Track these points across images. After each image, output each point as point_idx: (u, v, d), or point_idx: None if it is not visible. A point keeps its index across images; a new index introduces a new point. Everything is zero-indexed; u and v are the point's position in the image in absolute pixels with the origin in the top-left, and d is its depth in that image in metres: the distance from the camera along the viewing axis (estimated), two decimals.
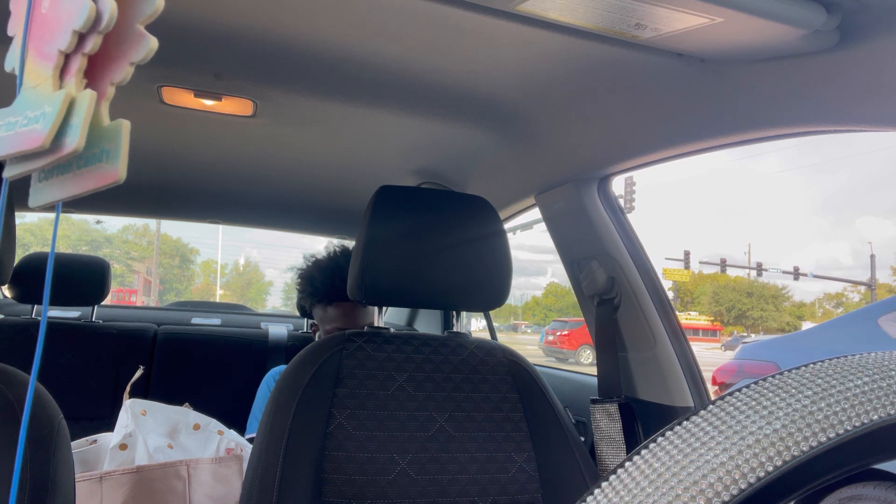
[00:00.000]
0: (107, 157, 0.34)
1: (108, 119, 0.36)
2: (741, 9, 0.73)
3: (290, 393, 1.00)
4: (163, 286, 45.15)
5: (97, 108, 0.35)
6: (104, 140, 0.35)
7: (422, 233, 1.12)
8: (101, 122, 0.35)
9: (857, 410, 0.24)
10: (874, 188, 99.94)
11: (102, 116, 0.36)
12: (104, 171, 0.34)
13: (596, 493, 0.24)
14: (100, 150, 0.35)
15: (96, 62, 0.36)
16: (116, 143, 0.34)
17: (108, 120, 0.36)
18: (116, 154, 0.34)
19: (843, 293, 48.21)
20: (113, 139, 0.34)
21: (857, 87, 0.80)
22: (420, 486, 0.99)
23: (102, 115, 0.36)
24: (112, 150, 0.34)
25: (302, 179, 1.96)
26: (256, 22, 0.99)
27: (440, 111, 1.33)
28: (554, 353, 20.05)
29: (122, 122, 0.34)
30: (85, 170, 0.35)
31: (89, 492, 1.10)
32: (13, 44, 0.38)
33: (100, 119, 0.35)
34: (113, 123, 0.35)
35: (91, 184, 0.35)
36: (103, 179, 0.34)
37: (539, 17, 0.83)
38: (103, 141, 0.35)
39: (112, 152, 0.34)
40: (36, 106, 0.35)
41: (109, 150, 0.34)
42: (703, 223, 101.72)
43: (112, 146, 0.34)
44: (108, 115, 0.36)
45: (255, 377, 2.04)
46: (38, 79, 0.36)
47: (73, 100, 0.34)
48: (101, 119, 0.35)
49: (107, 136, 0.35)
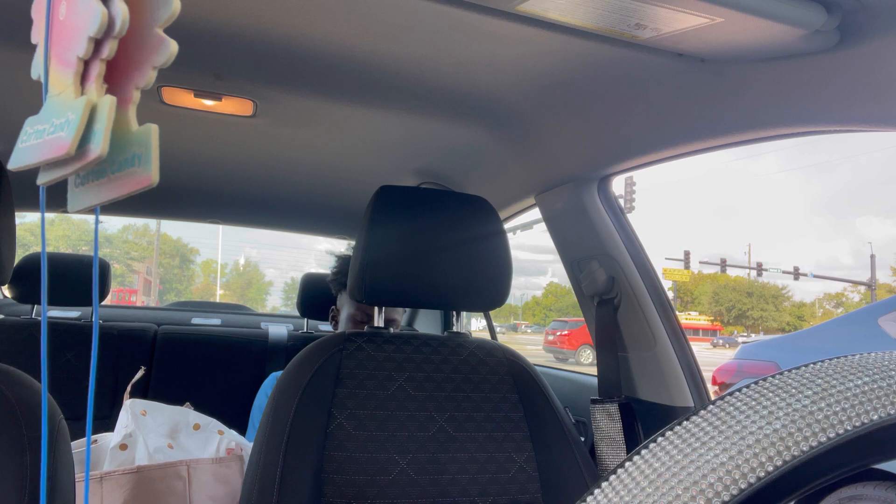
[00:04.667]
0: (139, 161, 0.35)
1: (135, 123, 0.36)
2: (741, 9, 0.73)
3: (291, 393, 1.00)
4: (163, 286, 45.15)
5: (124, 114, 0.36)
6: (134, 145, 0.35)
7: (422, 233, 1.12)
8: (130, 127, 0.36)
9: (857, 410, 0.24)
10: (874, 188, 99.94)
11: (130, 121, 0.36)
12: (138, 176, 0.35)
13: (596, 493, 0.24)
14: (131, 155, 0.35)
15: (119, 68, 0.36)
16: (147, 147, 0.35)
17: (136, 124, 0.36)
18: (148, 158, 0.34)
19: (843, 293, 48.23)
20: (143, 143, 0.35)
21: (857, 87, 0.80)
22: (420, 487, 0.99)
23: (130, 119, 0.36)
24: (143, 154, 0.35)
25: (302, 179, 1.96)
26: (256, 22, 0.99)
27: (440, 111, 1.33)
28: (554, 352, 20.06)
29: (150, 127, 0.35)
30: (119, 174, 0.36)
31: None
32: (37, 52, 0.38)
33: (128, 124, 0.36)
34: (142, 128, 0.35)
35: (126, 188, 0.35)
36: (137, 183, 0.35)
37: (539, 17, 0.83)
38: (133, 146, 0.35)
39: (143, 156, 0.35)
40: (60, 113, 0.35)
41: (141, 155, 0.35)
42: (703, 223, 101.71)
43: (143, 150, 0.35)
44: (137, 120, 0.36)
45: (255, 377, 2.04)
46: (61, 86, 0.36)
47: (95, 106, 0.34)
48: (129, 124, 0.36)
49: (136, 141, 0.35)
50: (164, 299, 42.75)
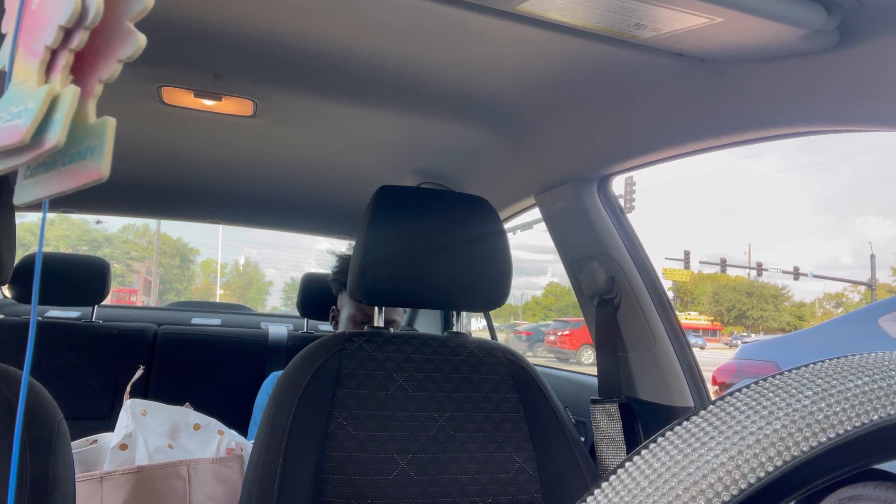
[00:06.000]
0: (91, 154, 0.34)
1: (94, 116, 0.35)
2: (741, 9, 0.73)
3: (291, 393, 1.00)
4: (163, 286, 45.15)
5: (83, 105, 0.35)
6: (89, 137, 0.34)
7: (422, 233, 1.12)
8: (88, 120, 0.35)
9: (857, 410, 0.24)
10: (874, 188, 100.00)
11: (89, 113, 0.35)
12: (88, 169, 0.34)
13: (596, 493, 0.24)
14: (84, 148, 0.34)
15: (84, 59, 0.35)
16: (101, 140, 0.34)
17: (95, 117, 0.35)
18: (101, 151, 0.33)
19: (843, 293, 48.22)
20: (98, 136, 0.34)
21: (857, 87, 0.80)
22: (420, 487, 0.99)
23: (89, 112, 0.35)
24: (97, 147, 0.34)
25: (302, 179, 1.96)
26: (256, 22, 0.99)
27: (440, 111, 1.33)
28: (555, 352, 20.05)
29: (107, 120, 0.34)
30: (69, 167, 0.35)
31: (90, 492, 1.10)
32: (5, 40, 0.37)
33: (86, 116, 0.35)
34: (99, 121, 0.34)
35: (74, 181, 0.34)
36: (87, 177, 0.34)
37: (539, 17, 0.83)
38: (88, 138, 0.34)
39: (97, 150, 0.34)
40: (20, 101, 0.35)
41: (94, 148, 0.34)
42: (703, 223, 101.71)
43: (97, 143, 0.34)
44: (96, 113, 0.36)
45: (255, 377, 2.04)
46: (25, 75, 0.35)
47: (57, 95, 0.34)
48: (87, 116, 0.35)
49: (92, 134, 0.34)
50: (164, 299, 42.75)
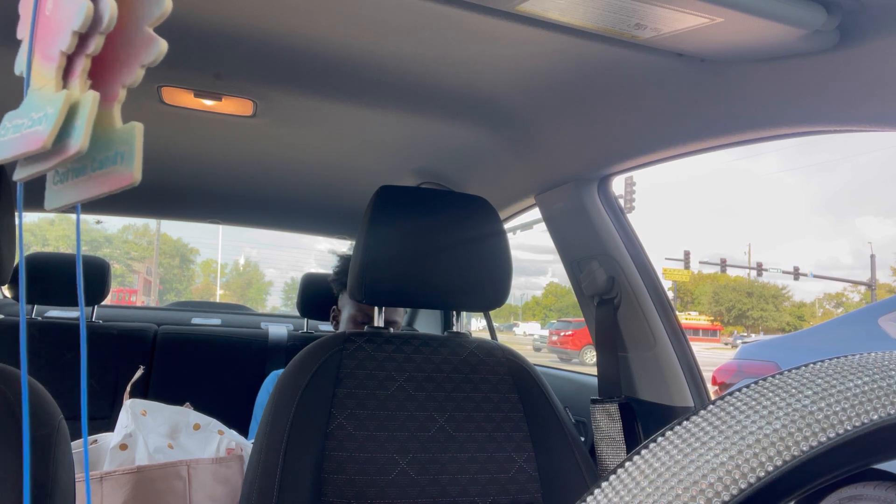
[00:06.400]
0: (121, 159, 0.34)
1: (120, 121, 0.36)
2: (741, 9, 0.73)
3: (291, 393, 1.00)
4: (163, 286, 45.15)
5: (109, 111, 0.35)
6: (117, 143, 0.35)
7: (422, 233, 1.12)
8: (114, 125, 0.35)
9: (857, 410, 0.24)
10: (874, 188, 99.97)
11: (115, 119, 0.35)
12: (119, 174, 0.34)
13: (596, 493, 0.24)
14: (114, 153, 0.35)
15: (105, 64, 0.36)
16: (130, 145, 0.34)
17: (121, 122, 0.36)
18: (131, 157, 0.34)
19: (843, 293, 48.23)
20: (126, 142, 0.34)
21: (857, 87, 0.80)
22: (420, 486, 0.99)
23: (115, 117, 0.36)
24: (126, 152, 0.34)
25: (302, 179, 1.96)
26: (256, 22, 0.99)
27: (440, 111, 1.33)
28: (557, 352, 20.00)
29: (135, 125, 0.34)
30: (100, 172, 0.35)
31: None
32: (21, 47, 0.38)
33: (112, 121, 0.35)
34: (126, 126, 0.35)
35: (106, 186, 0.35)
36: (118, 182, 0.34)
37: (539, 17, 0.83)
38: (116, 143, 0.35)
39: (126, 155, 0.34)
40: (39, 107, 0.35)
41: (123, 153, 0.34)
42: (703, 223, 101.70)
43: (126, 149, 0.34)
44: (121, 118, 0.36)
45: (255, 377, 2.04)
46: (43, 81, 0.36)
47: (77, 101, 0.34)
48: (113, 121, 0.35)
49: (120, 139, 0.35)
50: (164, 299, 42.75)
